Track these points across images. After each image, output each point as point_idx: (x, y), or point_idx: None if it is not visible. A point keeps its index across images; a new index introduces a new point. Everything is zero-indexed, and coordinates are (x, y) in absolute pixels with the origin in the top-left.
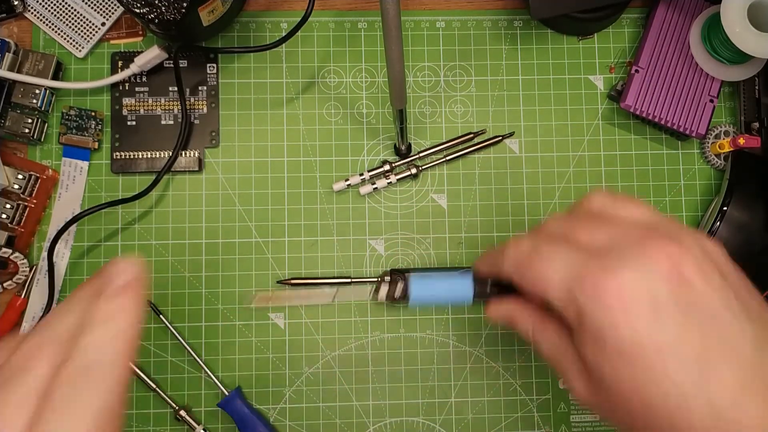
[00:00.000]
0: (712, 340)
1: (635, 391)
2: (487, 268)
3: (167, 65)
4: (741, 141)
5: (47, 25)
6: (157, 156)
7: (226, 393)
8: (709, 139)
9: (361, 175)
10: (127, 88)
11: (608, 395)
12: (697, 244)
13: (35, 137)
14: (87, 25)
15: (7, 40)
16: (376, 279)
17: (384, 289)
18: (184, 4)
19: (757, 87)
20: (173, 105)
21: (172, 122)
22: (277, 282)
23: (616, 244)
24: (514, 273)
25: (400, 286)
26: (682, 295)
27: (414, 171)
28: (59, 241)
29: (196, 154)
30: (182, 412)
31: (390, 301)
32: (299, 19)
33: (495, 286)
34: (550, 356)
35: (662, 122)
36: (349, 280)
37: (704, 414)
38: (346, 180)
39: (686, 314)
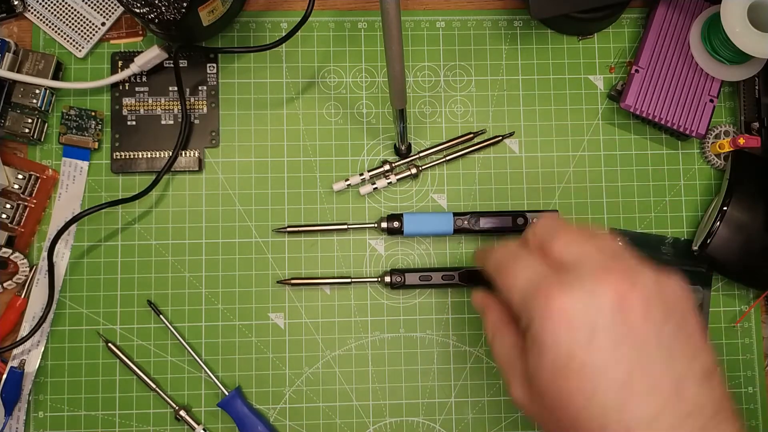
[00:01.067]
0: (637, 371)
1: (566, 403)
2: (480, 262)
3: (167, 65)
4: (741, 141)
5: (47, 25)
6: (157, 156)
7: (226, 393)
8: (709, 139)
9: (361, 175)
10: (127, 88)
11: (543, 403)
12: (652, 282)
13: (35, 137)
14: (87, 25)
15: (7, 40)
16: (376, 279)
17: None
18: (184, 4)
19: (757, 87)
20: (173, 105)
21: (172, 122)
22: (278, 282)
23: (579, 265)
24: (494, 273)
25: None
26: (620, 326)
27: (414, 171)
28: (59, 241)
29: (196, 154)
30: (182, 412)
31: (388, 234)
32: (299, 19)
33: (484, 280)
34: (501, 355)
35: (662, 122)
36: (349, 280)
37: None
38: (346, 180)
39: (620, 344)
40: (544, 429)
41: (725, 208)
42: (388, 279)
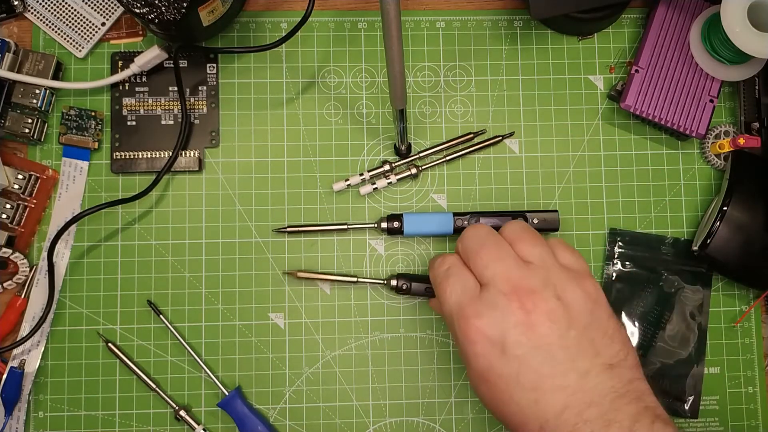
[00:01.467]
0: (545, 374)
1: (492, 405)
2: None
3: (167, 65)
4: (741, 141)
5: (47, 25)
6: (157, 156)
7: (226, 393)
8: (709, 139)
9: (361, 175)
10: (127, 88)
11: (480, 398)
12: (554, 297)
13: (35, 137)
14: (87, 25)
15: (7, 40)
16: (382, 281)
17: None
18: (184, 4)
19: (757, 87)
20: (173, 105)
21: (172, 122)
22: (283, 273)
23: (493, 284)
24: (433, 285)
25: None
26: (528, 339)
27: (414, 171)
28: (59, 241)
29: (196, 154)
30: (182, 412)
31: (388, 234)
32: (299, 19)
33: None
34: (459, 352)
35: (662, 122)
36: (355, 279)
37: (536, 427)
38: (346, 180)
39: (528, 354)
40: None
41: (725, 208)
42: (394, 283)
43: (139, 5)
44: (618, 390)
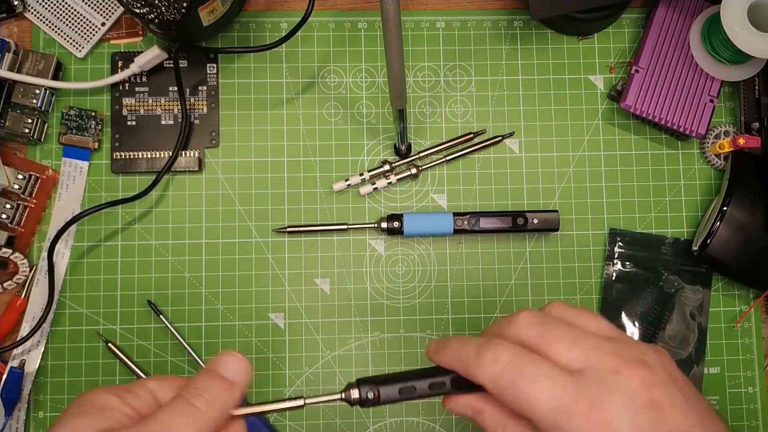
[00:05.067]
0: None
1: None
2: (451, 364)
3: (167, 65)
4: (741, 141)
5: (47, 25)
6: (157, 156)
7: None
8: (709, 139)
9: (361, 175)
10: (127, 88)
11: None
12: (659, 363)
13: (35, 137)
14: (87, 25)
15: (7, 40)
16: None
17: (384, 225)
18: (184, 4)
19: (757, 87)
20: (173, 105)
21: (172, 122)
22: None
23: (593, 368)
24: (492, 387)
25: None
26: (657, 420)
27: (414, 171)
28: (59, 241)
29: (196, 154)
30: None
31: (388, 234)
32: (299, 19)
33: (456, 380)
34: None
35: (662, 122)
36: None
37: None
38: (346, 180)
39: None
40: None
41: (725, 208)
42: (356, 395)
43: (139, 5)
44: None
